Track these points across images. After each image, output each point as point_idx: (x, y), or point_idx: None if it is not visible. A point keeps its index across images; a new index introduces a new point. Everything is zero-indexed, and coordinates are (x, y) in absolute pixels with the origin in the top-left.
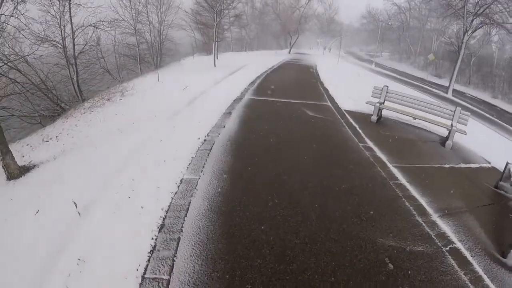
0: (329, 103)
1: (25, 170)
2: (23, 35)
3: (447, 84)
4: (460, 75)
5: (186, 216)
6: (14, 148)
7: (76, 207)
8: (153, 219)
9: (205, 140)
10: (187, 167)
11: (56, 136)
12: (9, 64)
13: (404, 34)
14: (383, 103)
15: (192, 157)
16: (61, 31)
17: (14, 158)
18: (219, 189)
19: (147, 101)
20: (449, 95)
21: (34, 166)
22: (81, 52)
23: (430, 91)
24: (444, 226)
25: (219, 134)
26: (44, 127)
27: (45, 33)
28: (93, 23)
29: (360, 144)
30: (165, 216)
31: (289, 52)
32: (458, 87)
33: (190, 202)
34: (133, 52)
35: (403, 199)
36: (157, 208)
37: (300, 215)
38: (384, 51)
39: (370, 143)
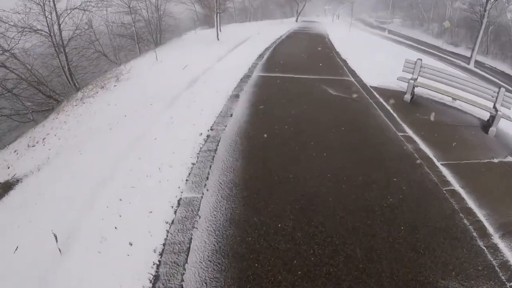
0: (351, 78)
1: (7, 187)
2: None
3: (464, 53)
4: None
5: (186, 262)
6: (1, 156)
7: (57, 241)
8: (144, 266)
9: (208, 136)
10: (186, 180)
11: (43, 139)
12: None
13: None
14: (416, 79)
15: (193, 163)
16: (46, 18)
17: None
18: (229, 214)
19: (144, 85)
20: (471, 66)
21: (17, 180)
22: (71, 38)
23: (450, 60)
24: (506, 251)
25: (225, 126)
26: (36, 125)
27: (27, 22)
28: (79, 6)
29: (399, 133)
30: (159, 261)
31: (296, 21)
32: (476, 56)
33: (191, 238)
34: (130, 31)
35: (461, 213)
36: (149, 248)
37: (341, 253)
38: (395, 17)
39: (410, 131)
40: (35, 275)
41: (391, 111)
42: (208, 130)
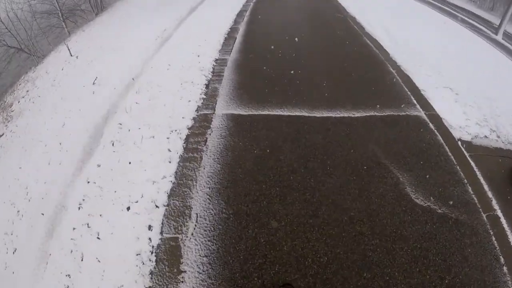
0: (420, 112)
1: None
2: None
3: (473, 10)
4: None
5: None
6: None
7: None
8: None
9: None
10: None
11: None
12: None
13: None
14: None
15: None
16: None
17: None
18: None
19: (33, 140)
20: (499, 37)
21: None
22: None
23: (471, 25)
24: None
25: None
26: None
27: None
28: None
29: None
30: None
31: None
32: (497, 21)
33: None
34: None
35: None
36: None
37: None
38: None
39: None
40: None
41: None
42: None
